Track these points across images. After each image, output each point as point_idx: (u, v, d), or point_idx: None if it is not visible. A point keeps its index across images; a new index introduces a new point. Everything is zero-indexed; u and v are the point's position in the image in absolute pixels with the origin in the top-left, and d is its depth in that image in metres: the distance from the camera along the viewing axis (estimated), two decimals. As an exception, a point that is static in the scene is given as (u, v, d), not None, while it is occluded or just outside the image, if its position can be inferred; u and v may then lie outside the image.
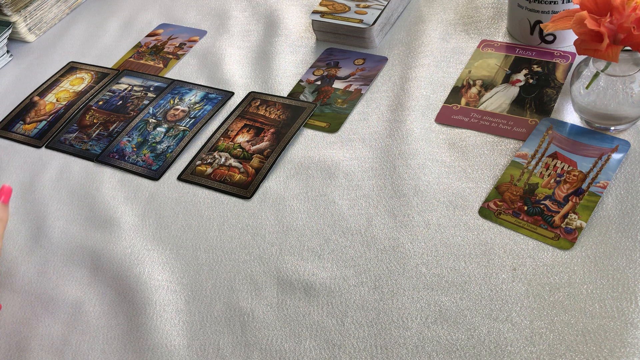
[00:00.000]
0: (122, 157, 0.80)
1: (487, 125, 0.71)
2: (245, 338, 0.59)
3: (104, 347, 0.61)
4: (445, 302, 0.57)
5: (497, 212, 0.62)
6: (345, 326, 0.57)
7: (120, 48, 1.00)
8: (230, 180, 0.73)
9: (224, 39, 0.96)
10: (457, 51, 0.82)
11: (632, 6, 0.57)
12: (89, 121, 0.87)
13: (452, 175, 0.67)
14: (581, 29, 0.58)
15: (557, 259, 0.57)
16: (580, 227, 0.59)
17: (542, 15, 0.76)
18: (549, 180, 0.64)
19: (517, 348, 0.52)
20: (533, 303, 0.55)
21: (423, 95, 0.77)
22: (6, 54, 1.04)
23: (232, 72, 0.89)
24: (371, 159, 0.71)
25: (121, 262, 0.68)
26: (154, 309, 0.63)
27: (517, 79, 0.76)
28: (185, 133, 0.81)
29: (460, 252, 0.60)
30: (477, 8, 0.88)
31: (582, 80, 0.65)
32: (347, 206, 0.67)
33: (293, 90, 0.83)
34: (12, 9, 1.04)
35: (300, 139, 0.76)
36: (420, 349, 0.54)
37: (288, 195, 0.70)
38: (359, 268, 0.61)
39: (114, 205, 0.74)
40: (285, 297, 0.61)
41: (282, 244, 0.65)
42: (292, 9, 0.97)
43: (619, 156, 0.64)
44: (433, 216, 0.64)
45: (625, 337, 0.51)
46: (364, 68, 0.84)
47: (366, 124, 0.76)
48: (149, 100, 0.88)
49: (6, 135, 0.89)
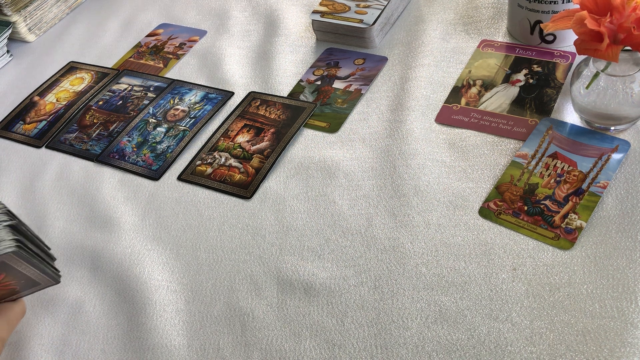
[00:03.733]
0: (122, 157, 0.80)
1: (487, 125, 0.71)
2: (245, 338, 0.59)
3: (104, 347, 0.61)
4: (445, 302, 0.57)
5: (497, 212, 0.62)
6: (345, 326, 0.57)
7: (120, 48, 1.00)
8: (230, 180, 0.73)
9: (224, 39, 0.96)
10: (457, 51, 0.82)
11: (632, 6, 0.57)
12: (89, 121, 0.87)
13: (452, 175, 0.67)
14: (581, 28, 0.58)
15: (557, 259, 0.57)
16: (580, 227, 0.59)
17: (542, 15, 0.76)
18: (549, 180, 0.64)
19: (517, 348, 0.53)
20: (533, 303, 0.55)
21: (423, 95, 0.77)
22: (6, 54, 1.04)
23: (232, 72, 0.89)
24: (371, 159, 0.71)
25: (121, 262, 0.68)
26: (154, 309, 0.63)
27: (517, 79, 0.76)
28: (185, 133, 0.81)
29: (460, 252, 0.60)
30: (477, 8, 0.88)
31: (582, 80, 0.65)
32: (347, 206, 0.67)
33: (293, 90, 0.83)
34: (12, 9, 1.04)
35: (300, 139, 0.76)
36: (420, 349, 0.54)
37: (288, 195, 0.70)
38: (359, 268, 0.61)
39: (114, 205, 0.74)
40: (285, 297, 0.61)
41: (282, 244, 0.65)
42: (292, 9, 0.97)
43: (619, 156, 0.64)
44: (433, 216, 0.64)
45: (625, 337, 0.51)
46: (364, 68, 0.84)
47: (366, 124, 0.76)
48: (149, 100, 0.88)
49: (6, 135, 0.89)
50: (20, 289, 0.58)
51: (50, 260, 0.60)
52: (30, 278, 0.56)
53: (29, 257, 0.53)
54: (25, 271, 0.54)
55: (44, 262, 0.57)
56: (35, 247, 0.56)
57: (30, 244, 0.55)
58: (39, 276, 0.57)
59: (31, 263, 0.54)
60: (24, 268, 0.54)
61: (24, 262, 0.53)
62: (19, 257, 0.52)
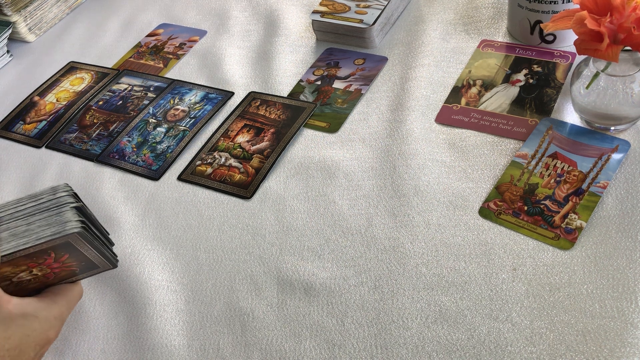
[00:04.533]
0: (122, 157, 0.80)
1: (487, 125, 0.71)
2: (245, 338, 0.59)
3: (104, 347, 0.61)
4: (445, 302, 0.57)
5: (497, 212, 0.62)
6: (345, 326, 0.57)
7: (120, 48, 1.00)
8: (230, 180, 0.73)
9: (224, 39, 0.96)
10: (457, 51, 0.82)
11: (632, 6, 0.57)
12: (89, 121, 0.87)
13: (452, 175, 0.67)
14: (581, 28, 0.58)
15: (557, 259, 0.57)
16: (580, 227, 0.59)
17: (542, 15, 0.76)
18: (549, 180, 0.64)
19: (517, 348, 0.53)
20: (533, 303, 0.55)
21: (423, 95, 0.77)
22: (6, 54, 1.04)
23: (232, 72, 0.89)
24: (371, 159, 0.71)
25: (121, 262, 0.68)
26: (154, 309, 0.63)
27: (517, 79, 0.76)
28: (185, 133, 0.81)
29: (460, 252, 0.60)
30: (477, 8, 0.88)
31: (582, 80, 0.65)
32: (347, 206, 0.67)
33: (293, 90, 0.83)
34: (12, 9, 1.04)
35: (300, 139, 0.76)
36: (420, 349, 0.54)
37: (288, 195, 0.70)
38: (359, 268, 0.61)
39: (114, 205, 0.74)
40: (285, 297, 0.61)
41: (282, 244, 0.65)
42: (292, 9, 0.97)
43: (619, 156, 0.64)
44: (433, 216, 0.64)
45: (625, 337, 0.51)
46: (364, 68, 0.84)
47: (366, 124, 0.76)
48: (149, 100, 0.88)
49: (6, 135, 0.89)
50: (80, 271, 0.59)
51: (110, 244, 0.61)
52: (90, 260, 0.57)
53: (92, 239, 0.55)
54: (87, 253, 0.56)
55: (104, 245, 0.59)
56: (97, 230, 0.57)
57: (93, 227, 0.56)
58: (99, 259, 0.58)
59: (93, 245, 0.56)
60: (86, 250, 0.55)
61: (86, 244, 0.55)
62: (83, 238, 0.53)
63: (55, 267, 0.56)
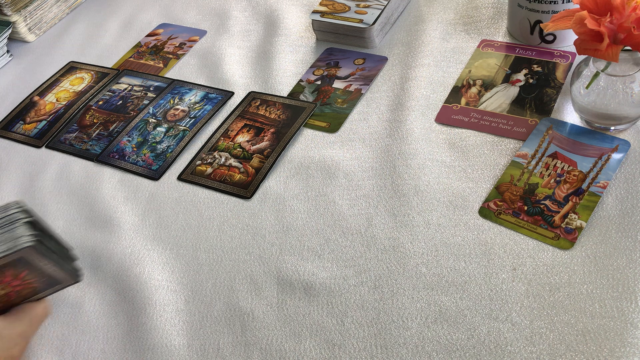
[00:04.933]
0: (122, 157, 0.80)
1: (487, 125, 0.71)
2: (245, 338, 0.59)
3: (104, 347, 0.61)
4: (445, 302, 0.57)
5: (497, 212, 0.62)
6: (345, 326, 0.57)
7: (120, 48, 1.00)
8: (230, 180, 0.73)
9: (224, 38, 0.96)
10: (457, 51, 0.82)
11: (632, 6, 0.57)
12: (89, 121, 0.87)
13: (452, 175, 0.67)
14: (581, 28, 0.58)
15: (557, 259, 0.57)
16: (580, 227, 0.59)
17: (542, 15, 0.76)
18: (549, 180, 0.64)
19: (517, 348, 0.53)
20: (533, 303, 0.55)
21: (423, 95, 0.77)
22: (6, 54, 1.04)
23: (232, 72, 0.89)
24: (371, 159, 0.71)
25: (121, 262, 0.68)
26: (154, 309, 0.63)
27: (517, 79, 0.76)
28: (185, 133, 0.81)
29: (460, 252, 0.60)
30: (477, 8, 0.88)
31: (582, 80, 0.65)
32: (347, 206, 0.67)
33: (293, 90, 0.83)
34: (12, 9, 1.04)
35: (300, 139, 0.76)
36: (420, 348, 0.54)
37: (288, 195, 0.70)
38: (359, 268, 0.61)
39: (114, 205, 0.74)
40: (285, 297, 0.61)
41: (282, 244, 0.65)
42: (292, 9, 0.97)
43: (619, 156, 0.64)
44: (433, 216, 0.64)
45: (625, 337, 0.51)
46: (364, 68, 0.84)
47: (366, 124, 0.76)
48: (149, 100, 0.88)
49: (6, 135, 0.89)
50: (42, 287, 0.58)
51: (71, 259, 0.60)
52: (50, 275, 0.56)
53: (48, 252, 0.54)
54: (45, 268, 0.55)
55: (64, 258, 0.58)
56: (54, 244, 0.56)
57: (49, 241, 0.55)
58: (59, 273, 0.57)
59: (51, 259, 0.54)
60: (45, 264, 0.54)
61: (43, 258, 0.53)
62: (38, 252, 0.52)
63: (16, 285, 0.54)
